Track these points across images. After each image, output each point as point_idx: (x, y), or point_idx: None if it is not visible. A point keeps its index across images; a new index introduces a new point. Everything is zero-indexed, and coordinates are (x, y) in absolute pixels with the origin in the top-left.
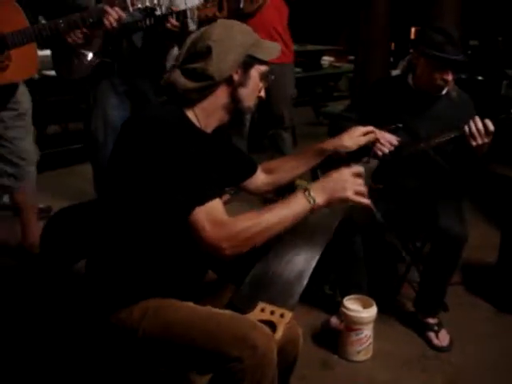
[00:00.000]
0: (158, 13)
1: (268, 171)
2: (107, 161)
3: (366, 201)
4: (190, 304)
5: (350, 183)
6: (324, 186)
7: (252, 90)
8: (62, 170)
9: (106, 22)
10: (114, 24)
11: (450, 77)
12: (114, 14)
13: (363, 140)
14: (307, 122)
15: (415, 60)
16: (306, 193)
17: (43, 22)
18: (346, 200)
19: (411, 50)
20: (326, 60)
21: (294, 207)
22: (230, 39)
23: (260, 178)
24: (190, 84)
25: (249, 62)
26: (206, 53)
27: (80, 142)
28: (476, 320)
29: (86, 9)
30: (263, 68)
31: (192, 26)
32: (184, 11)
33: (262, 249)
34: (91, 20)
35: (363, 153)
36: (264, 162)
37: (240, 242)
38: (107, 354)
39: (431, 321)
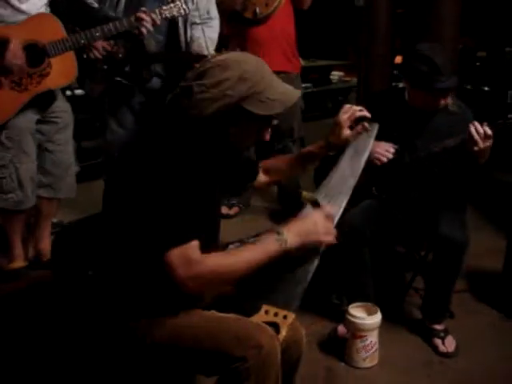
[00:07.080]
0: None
1: (264, 171)
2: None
3: (335, 241)
4: (195, 309)
5: (321, 226)
6: (297, 230)
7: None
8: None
9: (143, 29)
10: (151, 28)
11: (442, 102)
12: (147, 19)
13: (348, 133)
14: (318, 137)
15: (406, 85)
16: (279, 235)
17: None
18: (318, 242)
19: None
20: (336, 75)
21: (264, 250)
22: (221, 83)
23: (261, 178)
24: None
25: (237, 113)
26: (189, 92)
27: (93, 159)
28: (482, 326)
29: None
30: (259, 124)
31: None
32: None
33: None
34: (124, 29)
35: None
36: (260, 162)
37: (206, 281)
38: (116, 359)
39: (438, 327)
